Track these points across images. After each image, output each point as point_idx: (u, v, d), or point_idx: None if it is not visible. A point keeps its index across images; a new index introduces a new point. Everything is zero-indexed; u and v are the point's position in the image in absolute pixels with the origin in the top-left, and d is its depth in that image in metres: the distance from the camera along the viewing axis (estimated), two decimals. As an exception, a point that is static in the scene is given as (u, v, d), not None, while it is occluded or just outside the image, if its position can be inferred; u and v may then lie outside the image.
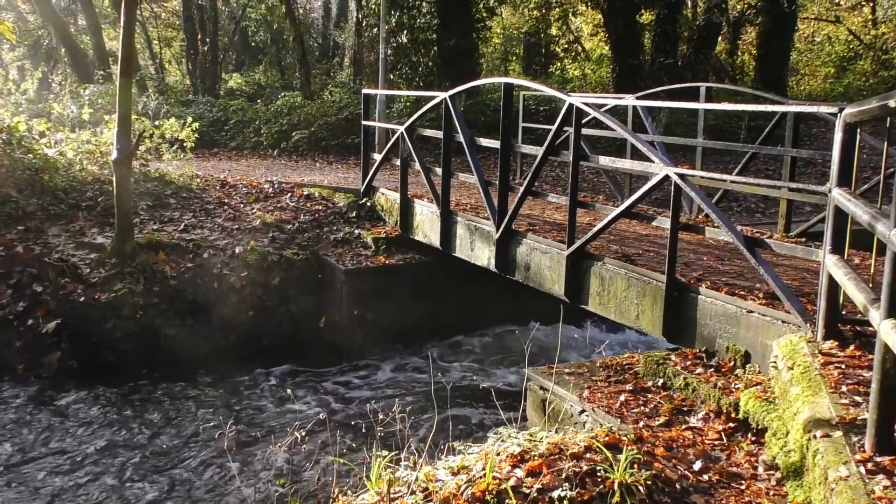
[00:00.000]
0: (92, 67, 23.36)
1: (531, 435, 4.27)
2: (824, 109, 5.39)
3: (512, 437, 4.22)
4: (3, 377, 8.28)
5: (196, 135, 13.04)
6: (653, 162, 6.23)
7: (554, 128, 7.34)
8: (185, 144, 12.84)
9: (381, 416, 4.37)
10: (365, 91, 12.06)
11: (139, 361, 8.85)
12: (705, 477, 3.86)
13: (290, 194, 12.14)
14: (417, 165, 9.77)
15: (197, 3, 27.44)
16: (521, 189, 7.77)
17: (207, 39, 27.48)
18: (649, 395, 5.36)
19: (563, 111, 7.17)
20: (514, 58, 32.76)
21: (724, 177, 6.93)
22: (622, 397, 5.33)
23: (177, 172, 12.51)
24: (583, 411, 5.33)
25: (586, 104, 6.97)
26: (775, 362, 4.61)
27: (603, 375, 5.83)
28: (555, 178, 15.51)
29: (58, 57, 27.74)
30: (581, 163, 7.14)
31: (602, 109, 7.90)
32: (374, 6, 22.31)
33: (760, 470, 3.98)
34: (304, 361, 9.33)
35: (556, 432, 4.38)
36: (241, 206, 11.58)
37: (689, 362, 5.58)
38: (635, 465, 3.67)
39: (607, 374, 5.85)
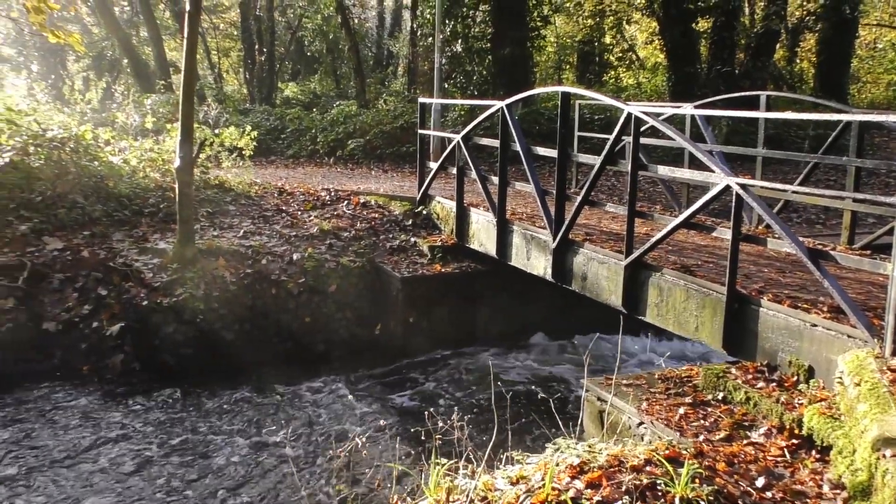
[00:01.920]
0: (153, 77, 23.94)
1: (590, 446, 4.25)
2: (893, 118, 5.28)
3: (570, 448, 4.21)
4: (69, 378, 8.53)
5: (254, 143, 13.27)
6: (713, 172, 6.16)
7: (612, 137, 7.30)
8: (243, 152, 13.07)
9: (439, 424, 4.39)
10: (421, 100, 12.14)
11: (199, 365, 9.01)
12: (768, 494, 3.80)
13: (346, 202, 12.28)
14: (473, 174, 9.80)
15: (254, 13, 27.95)
16: (579, 198, 7.75)
17: (264, 49, 27.99)
18: (709, 409, 5.29)
19: (621, 120, 7.13)
20: (568, 66, 32.63)
21: (786, 187, 6.82)
22: (681, 410, 5.27)
23: (236, 180, 12.76)
24: (641, 423, 5.28)
25: (645, 113, 6.93)
26: (841, 378, 4.52)
27: (661, 387, 5.78)
28: (610, 188, 15.41)
29: (121, 68, 28.50)
30: (638, 172, 7.10)
31: (659, 118, 7.84)
32: (428, 16, 22.47)
33: (826, 489, 3.91)
34: (361, 368, 9.40)
35: (615, 444, 4.35)
36: (299, 213, 11.75)
37: (749, 376, 5.50)
38: (696, 480, 3.63)
39: (666, 387, 5.79)
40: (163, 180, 11.97)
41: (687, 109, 9.09)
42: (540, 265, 8.61)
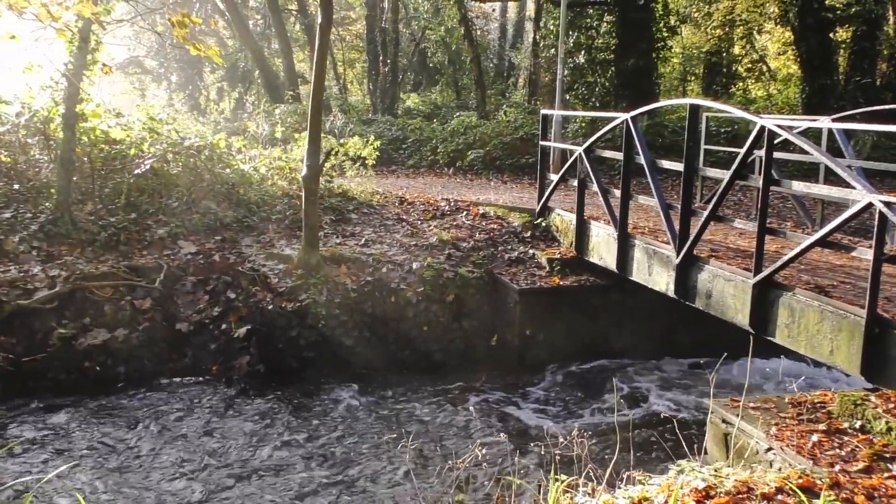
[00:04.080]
0: (282, 88, 24.79)
1: (716, 470, 4.10)
2: None
3: (695, 471, 4.08)
4: (200, 376, 8.93)
5: (377, 153, 13.52)
6: (854, 188, 5.85)
7: (743, 151, 7.05)
8: (366, 162, 13.34)
9: (559, 439, 4.33)
10: (543, 112, 12.08)
11: (320, 369, 9.25)
12: (913, 532, 3.56)
13: (465, 212, 12.34)
14: (594, 186, 9.67)
15: (380, 25, 28.58)
16: (705, 213, 7.52)
17: (388, 60, 28.55)
18: (845, 438, 5.01)
19: (753, 133, 6.88)
20: (693, 78, 31.80)
21: (935, 205, 6.38)
22: (814, 437, 5.01)
23: (358, 189, 13.03)
24: (769, 449, 5.05)
25: (780, 126, 6.66)
26: None
27: (792, 413, 5.51)
28: (736, 203, 14.87)
29: (252, 79, 29.67)
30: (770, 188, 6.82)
31: (793, 132, 7.52)
32: (552, 27, 22.40)
33: (979, 529, 3.63)
34: (478, 378, 9.38)
35: (743, 469, 4.19)
36: (419, 222, 11.89)
37: (891, 405, 5.18)
38: (833, 513, 3.44)
39: (797, 412, 5.52)
40: (289, 188, 12.37)
41: (824, 123, 8.67)
42: (662, 281, 8.39)
